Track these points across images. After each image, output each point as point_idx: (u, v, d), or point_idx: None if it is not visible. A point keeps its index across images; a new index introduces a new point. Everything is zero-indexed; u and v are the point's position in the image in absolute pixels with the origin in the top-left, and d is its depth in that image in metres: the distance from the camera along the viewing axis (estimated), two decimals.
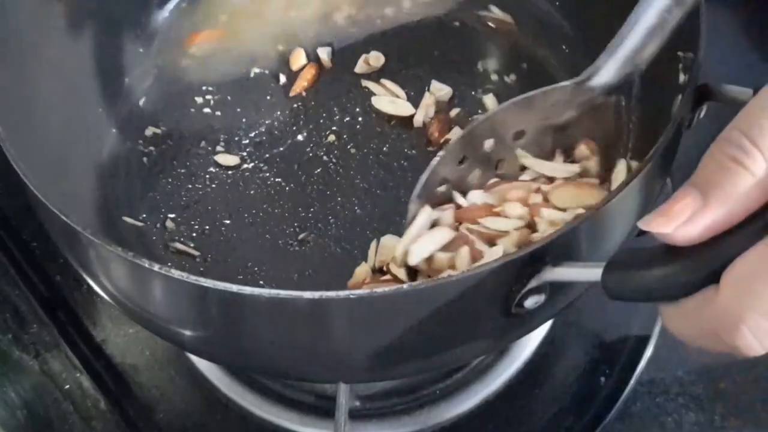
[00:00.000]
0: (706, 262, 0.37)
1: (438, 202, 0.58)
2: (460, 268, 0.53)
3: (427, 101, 0.65)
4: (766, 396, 0.61)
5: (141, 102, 0.67)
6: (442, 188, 0.58)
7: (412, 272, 0.55)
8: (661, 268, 0.38)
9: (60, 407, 0.62)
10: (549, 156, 0.59)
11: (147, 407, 0.64)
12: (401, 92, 0.67)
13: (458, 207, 0.57)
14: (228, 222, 0.61)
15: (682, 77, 0.51)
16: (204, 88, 0.68)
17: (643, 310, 0.65)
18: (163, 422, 0.63)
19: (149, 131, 0.65)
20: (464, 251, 0.53)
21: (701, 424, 0.61)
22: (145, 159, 0.64)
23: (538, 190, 0.56)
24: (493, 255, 0.52)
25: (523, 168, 0.59)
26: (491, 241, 0.54)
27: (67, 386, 0.63)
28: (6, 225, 0.71)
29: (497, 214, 0.55)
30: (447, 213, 0.56)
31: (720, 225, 0.36)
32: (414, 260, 0.54)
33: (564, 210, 0.54)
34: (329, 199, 0.62)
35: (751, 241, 0.35)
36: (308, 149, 0.65)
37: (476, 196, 0.57)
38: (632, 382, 0.63)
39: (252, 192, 0.63)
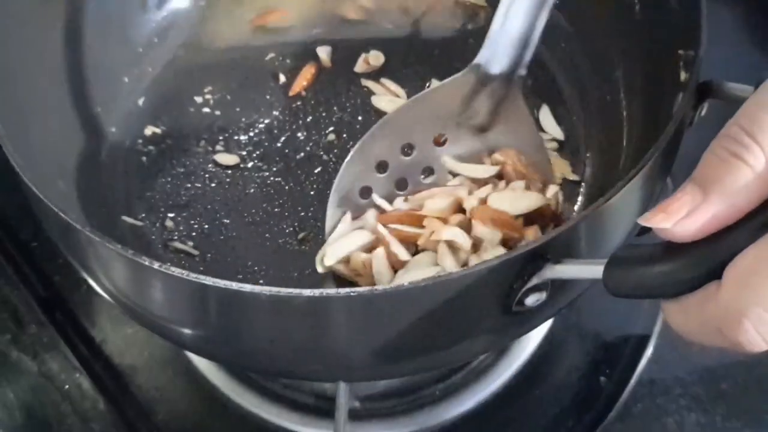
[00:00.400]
0: (708, 257, 0.37)
1: (363, 211, 0.58)
2: (376, 268, 0.54)
3: None
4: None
5: (140, 101, 0.67)
6: (365, 199, 0.59)
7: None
8: (662, 265, 0.38)
9: (59, 408, 0.62)
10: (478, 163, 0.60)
11: (146, 408, 0.63)
12: (401, 91, 0.67)
13: (382, 212, 0.58)
14: (227, 221, 0.61)
15: (683, 75, 0.51)
16: (204, 88, 0.68)
17: (644, 310, 0.65)
18: (162, 423, 0.63)
19: (148, 130, 0.65)
20: (379, 252, 0.54)
21: (702, 425, 0.61)
22: (144, 158, 0.64)
23: (470, 193, 0.57)
24: (406, 256, 0.54)
25: (455, 176, 0.60)
26: (409, 242, 0.55)
27: (66, 387, 0.63)
28: (4, 225, 0.70)
29: (419, 218, 0.56)
30: (368, 215, 0.57)
31: (721, 220, 0.36)
32: (329, 261, 0.55)
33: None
34: (329, 198, 0.62)
35: (753, 236, 0.35)
36: (308, 148, 0.65)
37: (400, 203, 0.58)
38: (632, 382, 0.63)
39: (251, 191, 0.63)
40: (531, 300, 0.43)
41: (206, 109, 0.67)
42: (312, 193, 0.62)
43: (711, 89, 0.49)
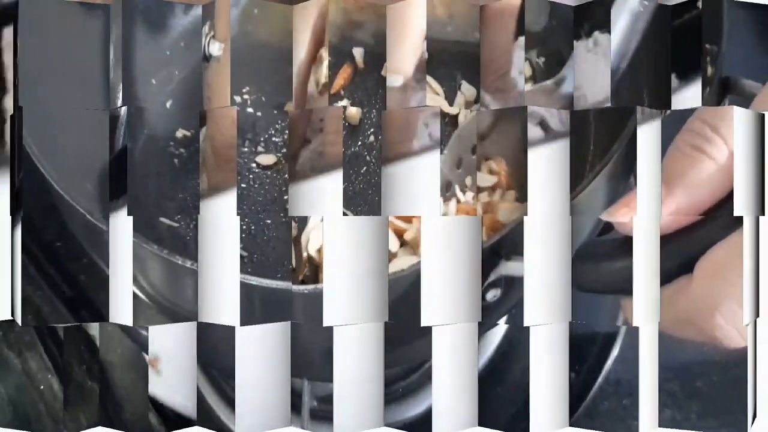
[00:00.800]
0: (678, 251, 0.37)
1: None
2: None
3: (459, 101, 0.66)
4: (743, 396, 0.57)
5: (168, 104, 0.67)
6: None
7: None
8: (624, 260, 0.38)
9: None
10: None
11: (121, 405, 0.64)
12: (440, 89, 0.67)
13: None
14: (269, 221, 0.63)
15: (710, 70, 0.51)
16: (242, 88, 0.68)
17: (611, 308, 0.62)
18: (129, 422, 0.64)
19: (179, 133, 0.66)
20: None
21: (677, 422, 0.59)
22: (176, 160, 0.65)
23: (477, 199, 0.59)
24: (395, 247, 0.56)
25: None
26: (400, 234, 0.56)
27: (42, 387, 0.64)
28: (28, 226, 0.71)
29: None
30: None
31: (685, 213, 0.37)
32: (312, 249, 0.58)
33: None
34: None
35: (725, 231, 0.36)
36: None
37: (470, 197, 0.59)
38: (600, 380, 0.61)
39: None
40: (490, 295, 0.46)
41: (250, 110, 0.67)
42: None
43: (730, 84, 0.50)
